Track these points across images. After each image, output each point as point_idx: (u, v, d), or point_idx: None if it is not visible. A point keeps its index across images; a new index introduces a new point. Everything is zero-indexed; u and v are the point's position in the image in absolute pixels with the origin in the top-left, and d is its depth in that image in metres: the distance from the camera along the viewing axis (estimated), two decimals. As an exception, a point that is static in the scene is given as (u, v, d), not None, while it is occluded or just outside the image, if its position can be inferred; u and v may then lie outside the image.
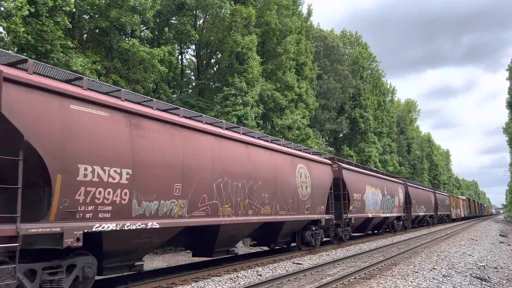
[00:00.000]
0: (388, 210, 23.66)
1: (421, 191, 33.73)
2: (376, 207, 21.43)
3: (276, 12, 26.85)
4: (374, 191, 21.45)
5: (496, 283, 8.97)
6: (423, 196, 33.92)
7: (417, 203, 30.84)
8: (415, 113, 76.92)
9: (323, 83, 38.87)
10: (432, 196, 38.18)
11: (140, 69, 18.36)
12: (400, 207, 26.24)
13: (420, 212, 32.03)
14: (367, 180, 20.92)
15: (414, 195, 30.31)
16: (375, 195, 21.53)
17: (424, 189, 36.14)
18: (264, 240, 14.01)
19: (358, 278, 9.60)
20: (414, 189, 31.28)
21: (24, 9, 12.57)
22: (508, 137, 52.70)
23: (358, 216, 19.05)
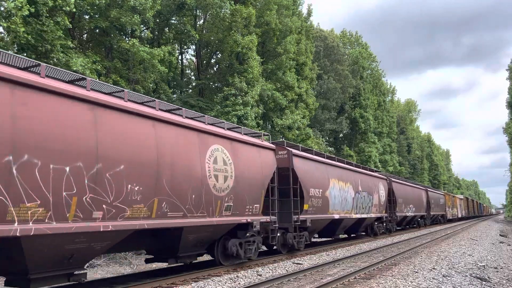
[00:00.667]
0: (365, 210, 19.98)
1: (409, 189, 29.81)
2: (346, 206, 17.60)
3: (276, 12, 26.86)
4: (343, 186, 17.57)
5: (496, 283, 8.97)
6: (412, 194, 30.30)
7: (404, 202, 27.25)
8: (415, 113, 76.99)
9: (323, 83, 38.87)
10: (424, 195, 34.33)
11: (140, 69, 18.36)
12: (382, 206, 22.59)
13: (408, 212, 28.38)
14: (332, 172, 16.77)
15: (400, 193, 26.55)
16: (345, 191, 17.61)
17: (413, 186, 31.81)
18: (162, 254, 9.85)
19: (358, 278, 9.60)
20: (400, 185, 27.33)
21: (24, 9, 12.56)
22: (508, 137, 52.70)
23: (317, 218, 15.00)
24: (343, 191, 17.40)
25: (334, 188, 16.44)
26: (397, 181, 27.21)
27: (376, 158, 45.11)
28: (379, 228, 23.18)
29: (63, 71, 7.26)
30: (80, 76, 7.42)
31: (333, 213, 16.35)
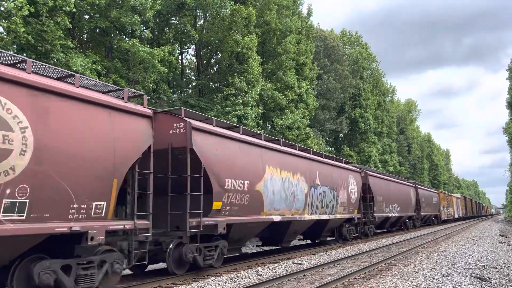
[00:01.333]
0: (326, 209, 15.57)
1: (392, 185, 25.20)
2: (295, 205, 13.20)
3: (276, 12, 26.88)
4: (290, 177, 12.97)
5: (496, 283, 8.97)
6: (397, 192, 25.72)
7: (385, 201, 22.84)
8: (415, 113, 77.04)
9: (323, 83, 38.88)
10: (412, 192, 30.24)
11: (140, 69, 18.37)
12: (352, 205, 18.21)
13: (391, 213, 24.16)
14: (269, 158, 12.01)
15: (379, 189, 22.17)
16: (292, 185, 13.07)
17: (398, 182, 27.09)
18: None
19: (358, 278, 9.60)
20: (379, 180, 22.84)
21: (24, 9, 12.57)
22: (508, 137, 52.71)
23: (242, 221, 10.68)
24: (290, 184, 12.98)
25: (273, 180, 12.00)
26: (375, 174, 22.73)
27: (376, 158, 45.14)
28: (350, 232, 18.61)
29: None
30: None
31: (272, 214, 12.01)
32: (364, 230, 20.80)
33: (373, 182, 21.48)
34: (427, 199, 34.58)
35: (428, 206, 35.01)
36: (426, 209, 34.23)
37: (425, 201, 33.65)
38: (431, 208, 36.58)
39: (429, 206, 35.47)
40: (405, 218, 28.39)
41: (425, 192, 35.09)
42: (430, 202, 35.85)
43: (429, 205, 35.32)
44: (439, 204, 40.49)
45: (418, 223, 32.00)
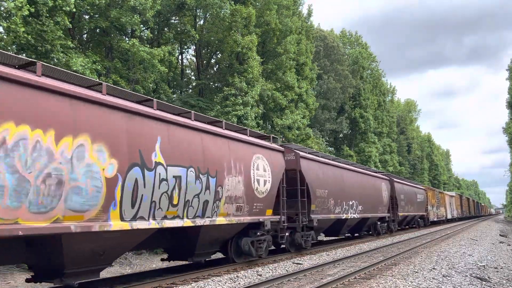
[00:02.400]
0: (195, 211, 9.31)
1: (347, 175, 18.57)
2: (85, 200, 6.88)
3: (276, 12, 26.87)
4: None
5: (496, 283, 8.97)
6: (356, 185, 19.29)
7: (333, 196, 16.36)
8: (415, 113, 77.02)
9: (323, 83, 38.88)
10: (385, 187, 23.72)
11: (140, 69, 18.37)
12: (264, 201, 11.97)
13: (346, 213, 17.74)
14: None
15: (324, 181, 15.75)
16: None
17: (357, 172, 20.14)
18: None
19: (358, 278, 9.60)
20: (320, 167, 15.87)
21: (24, 9, 12.57)
22: (508, 137, 52.70)
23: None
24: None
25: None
26: (312, 157, 15.58)
27: (376, 158, 45.13)
28: (259, 245, 12.14)
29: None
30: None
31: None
32: (294, 239, 14.23)
33: (309, 168, 14.80)
34: (408, 197, 28.60)
35: (411, 205, 29.10)
36: (408, 209, 28.17)
37: (406, 199, 27.73)
38: (415, 207, 30.51)
39: (412, 205, 29.46)
40: (373, 220, 22.14)
41: (406, 187, 28.82)
42: (413, 200, 29.71)
43: (411, 204, 29.26)
44: (426, 202, 34.69)
45: (394, 226, 25.67)
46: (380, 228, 23.53)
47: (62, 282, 6.96)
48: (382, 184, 23.37)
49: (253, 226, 11.77)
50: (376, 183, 22.42)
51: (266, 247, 12.47)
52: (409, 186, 30.21)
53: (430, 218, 35.80)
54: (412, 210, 29.73)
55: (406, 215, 28.08)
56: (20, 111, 5.88)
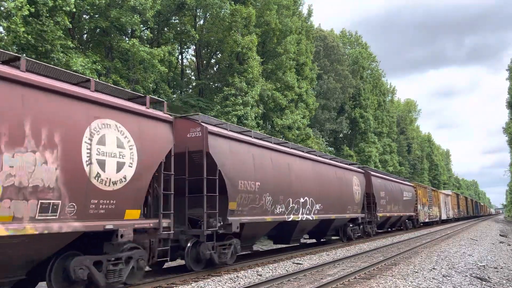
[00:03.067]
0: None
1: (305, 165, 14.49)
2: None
3: (276, 12, 26.87)
4: None
5: (496, 283, 8.97)
6: (318, 178, 15.25)
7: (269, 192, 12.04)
8: (415, 113, 77.04)
9: (323, 83, 38.88)
10: (357, 181, 19.06)
11: (140, 69, 18.37)
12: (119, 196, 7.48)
13: (295, 214, 13.42)
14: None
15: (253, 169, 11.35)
16: None
17: (321, 162, 16.02)
18: None
19: (358, 278, 9.60)
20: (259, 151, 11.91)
21: (24, 9, 12.58)
22: (508, 137, 52.70)
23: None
24: None
25: None
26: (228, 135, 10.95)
27: (376, 158, 45.14)
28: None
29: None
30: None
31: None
32: (199, 253, 9.93)
33: (225, 150, 10.47)
34: (391, 194, 24.10)
35: (393, 204, 24.38)
36: (391, 208, 23.82)
37: (388, 197, 23.20)
38: (401, 206, 26.23)
39: (397, 204, 25.13)
40: (341, 222, 17.67)
41: (388, 183, 24.12)
42: (397, 199, 25.31)
43: (395, 203, 24.85)
44: (416, 201, 30.86)
45: (372, 229, 21.37)
46: (352, 232, 18.91)
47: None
48: (354, 178, 18.58)
49: (101, 237, 7.65)
50: (345, 177, 17.62)
51: (136, 268, 8.09)
52: (392, 181, 25.48)
53: (420, 219, 31.69)
54: (397, 210, 25.24)
55: (388, 216, 23.51)
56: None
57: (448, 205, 45.16)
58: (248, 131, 12.30)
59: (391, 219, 25.03)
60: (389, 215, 23.76)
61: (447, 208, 44.30)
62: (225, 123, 11.45)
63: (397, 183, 26.76)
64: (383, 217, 22.81)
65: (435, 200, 38.52)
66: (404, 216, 27.85)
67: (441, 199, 41.06)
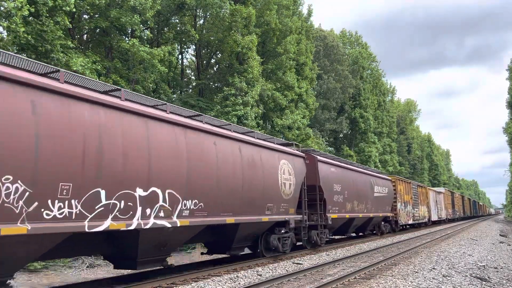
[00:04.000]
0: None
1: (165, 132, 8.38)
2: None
3: (276, 12, 26.89)
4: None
5: (496, 283, 8.96)
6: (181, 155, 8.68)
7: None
8: (415, 113, 77.05)
9: (323, 83, 38.89)
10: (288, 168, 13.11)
11: (140, 69, 18.37)
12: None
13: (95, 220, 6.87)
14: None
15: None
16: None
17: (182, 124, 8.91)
18: None
19: (358, 278, 9.60)
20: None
21: (24, 9, 12.57)
22: (508, 137, 52.71)
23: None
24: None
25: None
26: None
27: (376, 158, 45.14)
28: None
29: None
30: None
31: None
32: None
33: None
34: (353, 188, 18.42)
35: (359, 202, 18.99)
36: (352, 208, 18.22)
37: (348, 192, 17.70)
38: (371, 205, 20.48)
39: (363, 202, 19.47)
40: (252, 230, 11.80)
41: (346, 173, 18.06)
42: (364, 195, 19.68)
43: (361, 200, 19.21)
44: (397, 198, 25.27)
45: (320, 236, 15.56)
46: (281, 243, 13.02)
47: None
48: (283, 163, 12.80)
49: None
50: (263, 159, 11.79)
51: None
52: (355, 171, 19.38)
53: (401, 220, 25.69)
54: (364, 209, 19.60)
55: (348, 217, 17.75)
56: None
57: (440, 204, 40.02)
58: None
59: (355, 222, 19.17)
60: (350, 216, 17.88)
61: (438, 208, 39.03)
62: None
63: (363, 174, 20.51)
64: (340, 219, 17.09)
65: (423, 198, 32.89)
66: (377, 218, 21.92)
67: (430, 197, 35.67)
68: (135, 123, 7.75)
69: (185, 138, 8.90)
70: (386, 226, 24.60)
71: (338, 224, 17.78)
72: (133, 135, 7.62)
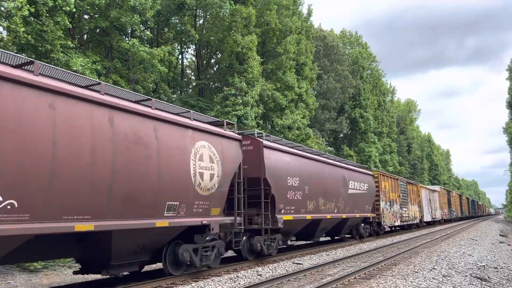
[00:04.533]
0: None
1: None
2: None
3: (276, 12, 26.89)
4: None
5: (496, 283, 8.96)
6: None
7: None
8: (415, 113, 77.08)
9: (323, 83, 38.90)
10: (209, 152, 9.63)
11: (140, 69, 18.37)
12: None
13: None
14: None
15: None
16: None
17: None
18: None
19: (358, 278, 9.60)
20: None
21: (24, 9, 12.57)
22: (508, 137, 52.70)
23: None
24: None
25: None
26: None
27: (376, 158, 45.15)
28: None
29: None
30: None
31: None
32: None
33: None
34: (317, 183, 14.74)
35: (327, 200, 15.35)
36: (316, 207, 14.55)
37: (308, 187, 14.04)
38: (344, 204, 16.90)
39: (332, 200, 15.80)
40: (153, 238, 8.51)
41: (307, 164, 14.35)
42: (333, 191, 15.99)
43: (329, 197, 15.55)
44: (377, 197, 21.52)
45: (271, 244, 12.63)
46: (195, 255, 9.53)
47: None
48: (199, 144, 9.46)
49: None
50: (162, 138, 8.46)
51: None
52: (320, 162, 15.45)
53: (385, 222, 22.08)
54: (334, 209, 15.99)
55: (311, 218, 14.12)
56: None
57: (434, 203, 36.96)
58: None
59: (322, 224, 15.55)
60: (313, 217, 14.25)
61: (432, 208, 35.92)
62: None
63: (333, 166, 16.51)
64: (298, 221, 13.53)
65: (414, 197, 29.56)
66: (353, 219, 18.54)
67: (422, 196, 32.23)
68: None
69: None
70: (366, 228, 20.91)
71: (296, 228, 14.08)
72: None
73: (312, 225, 14.98)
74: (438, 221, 38.92)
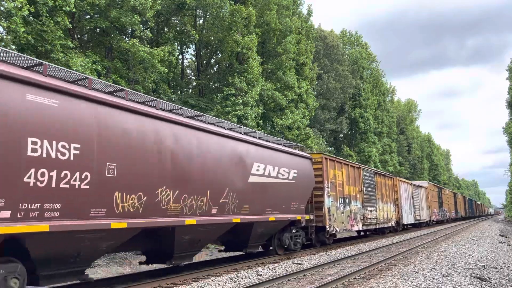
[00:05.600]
0: None
1: None
2: None
3: (276, 12, 26.89)
4: None
5: (496, 283, 8.96)
6: None
7: None
8: (415, 113, 77.07)
9: (323, 83, 38.90)
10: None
11: (140, 69, 18.38)
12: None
13: None
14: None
15: None
16: None
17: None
18: None
19: (358, 278, 9.60)
20: None
21: (24, 9, 12.58)
22: (508, 137, 52.69)
23: None
24: None
25: None
26: None
27: (376, 158, 45.15)
28: None
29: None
30: None
31: None
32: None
33: None
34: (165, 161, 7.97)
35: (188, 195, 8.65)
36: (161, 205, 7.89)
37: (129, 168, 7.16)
38: (246, 199, 10.76)
39: (208, 193, 9.24)
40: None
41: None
42: (214, 178, 9.49)
43: (197, 189, 8.91)
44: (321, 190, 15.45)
45: None
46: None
47: None
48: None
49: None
50: None
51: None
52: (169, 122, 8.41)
53: (333, 226, 15.97)
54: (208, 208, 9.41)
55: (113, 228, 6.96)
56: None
57: (420, 202, 30.83)
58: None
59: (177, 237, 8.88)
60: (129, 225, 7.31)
61: (416, 207, 29.57)
62: None
63: (205, 133, 9.58)
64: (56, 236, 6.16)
65: (388, 193, 23.25)
66: (266, 224, 12.09)
67: (402, 192, 25.94)
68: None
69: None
70: (298, 237, 14.43)
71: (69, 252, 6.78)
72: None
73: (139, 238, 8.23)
74: (424, 222, 32.73)
